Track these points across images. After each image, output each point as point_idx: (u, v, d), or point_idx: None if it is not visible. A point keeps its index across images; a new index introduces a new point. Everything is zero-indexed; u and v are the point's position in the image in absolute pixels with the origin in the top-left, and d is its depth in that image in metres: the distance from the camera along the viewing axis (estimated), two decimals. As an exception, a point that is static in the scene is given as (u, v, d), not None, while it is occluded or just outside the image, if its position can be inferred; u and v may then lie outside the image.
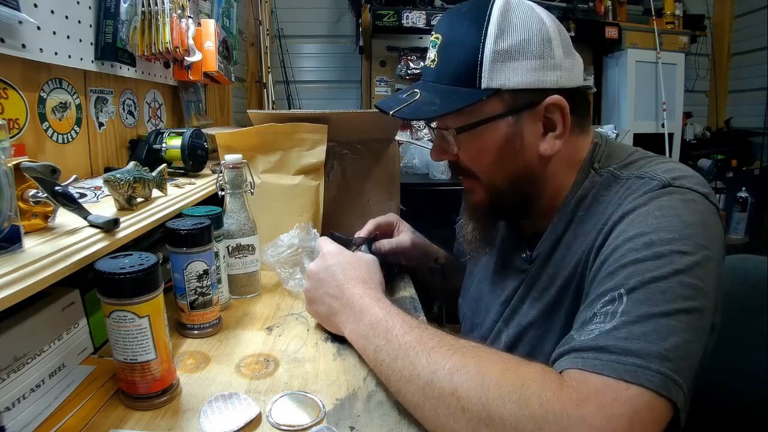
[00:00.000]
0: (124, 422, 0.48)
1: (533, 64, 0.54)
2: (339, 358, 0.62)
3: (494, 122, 0.56)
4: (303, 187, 0.95)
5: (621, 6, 2.83)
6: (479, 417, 0.41)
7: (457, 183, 0.69)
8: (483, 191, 0.63)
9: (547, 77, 0.55)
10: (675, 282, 0.43)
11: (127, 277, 0.46)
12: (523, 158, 0.58)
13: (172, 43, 1.09)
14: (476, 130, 0.57)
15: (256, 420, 0.48)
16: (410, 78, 2.77)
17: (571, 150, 0.60)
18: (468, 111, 0.56)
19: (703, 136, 2.96)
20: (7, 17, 0.69)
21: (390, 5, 2.51)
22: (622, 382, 0.39)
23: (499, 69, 0.54)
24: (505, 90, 0.55)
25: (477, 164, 0.61)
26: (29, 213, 0.55)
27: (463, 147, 0.60)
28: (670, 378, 0.39)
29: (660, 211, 0.48)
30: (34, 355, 0.50)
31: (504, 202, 0.63)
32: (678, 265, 0.44)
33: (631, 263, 0.46)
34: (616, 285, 0.46)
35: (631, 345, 0.41)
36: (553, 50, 0.55)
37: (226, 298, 0.76)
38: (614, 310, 0.44)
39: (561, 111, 0.56)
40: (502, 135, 0.57)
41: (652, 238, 0.46)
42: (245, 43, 2.67)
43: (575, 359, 0.43)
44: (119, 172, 0.71)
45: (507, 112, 0.56)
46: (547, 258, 0.61)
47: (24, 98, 0.80)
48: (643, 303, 0.43)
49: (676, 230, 0.46)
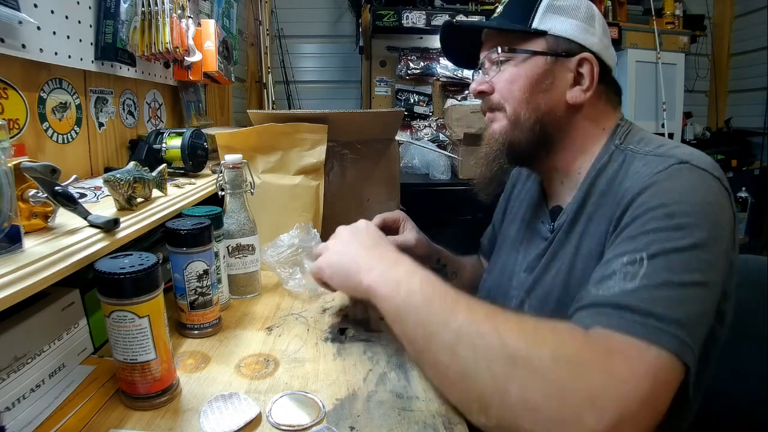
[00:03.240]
0: (124, 422, 0.48)
1: (577, 24, 0.65)
2: (339, 358, 0.62)
3: (534, 57, 0.65)
4: (303, 187, 0.95)
5: (621, 6, 2.83)
6: (517, 355, 0.41)
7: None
8: (506, 121, 0.68)
9: (585, 38, 0.65)
10: (693, 255, 0.46)
11: (127, 277, 0.46)
12: (550, 97, 0.65)
13: (172, 43, 1.09)
14: (518, 57, 0.66)
15: (256, 420, 0.48)
16: (410, 78, 2.77)
17: (597, 114, 0.67)
18: (517, 40, 0.66)
19: (703, 136, 2.96)
20: (7, 17, 0.69)
21: (390, 5, 2.51)
22: (645, 341, 0.41)
23: (549, 17, 0.65)
24: (550, 34, 0.65)
25: (509, 91, 0.66)
26: (29, 213, 0.55)
27: (501, 73, 0.67)
28: (685, 342, 0.42)
29: (681, 186, 0.51)
30: (34, 355, 0.50)
31: (524, 136, 0.67)
32: (696, 239, 0.47)
33: (652, 231, 0.49)
34: (636, 248, 0.48)
35: (653, 308, 0.43)
36: (595, 24, 0.66)
37: (226, 298, 0.76)
38: (635, 271, 0.46)
39: (590, 68, 0.64)
40: (537, 69, 0.65)
41: (673, 210, 0.49)
42: (245, 43, 2.67)
43: (599, 316, 0.45)
44: (119, 172, 0.71)
45: (546, 52, 0.65)
46: (569, 229, 0.64)
47: (24, 98, 0.80)
48: (663, 270, 0.45)
49: (695, 206, 0.49)
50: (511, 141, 0.68)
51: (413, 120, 2.73)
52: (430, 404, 0.52)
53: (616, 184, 0.60)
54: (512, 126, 0.67)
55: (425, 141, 2.46)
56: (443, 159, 2.07)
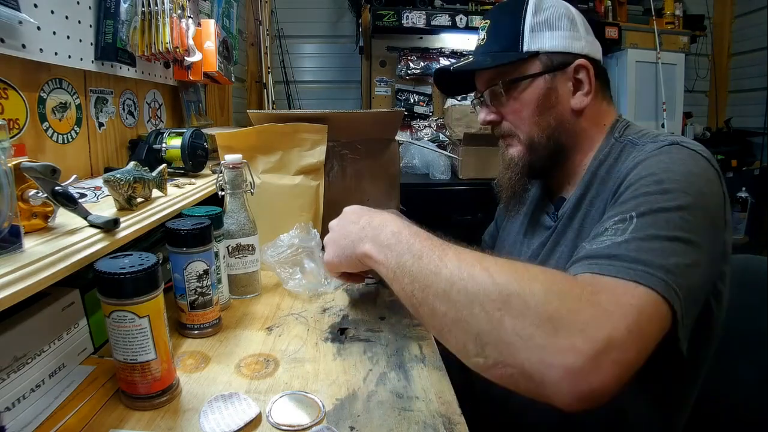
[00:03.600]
0: (124, 422, 0.48)
1: (563, 34, 0.68)
2: (339, 358, 0.62)
3: (534, 79, 0.68)
4: (303, 187, 0.95)
5: (621, 6, 2.82)
6: (510, 292, 0.43)
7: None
8: (521, 146, 0.72)
9: (574, 45, 0.68)
10: (678, 215, 0.49)
11: (127, 277, 0.46)
12: (558, 111, 0.69)
13: (172, 43, 1.09)
14: (520, 85, 0.69)
15: (256, 420, 0.48)
16: (410, 78, 2.77)
17: (598, 113, 0.71)
18: (514, 69, 0.69)
19: (703, 136, 2.95)
20: (7, 17, 0.69)
21: (390, 5, 2.51)
22: (632, 282, 0.44)
23: (537, 36, 0.67)
24: (543, 53, 0.68)
25: (519, 117, 0.70)
26: (29, 213, 0.55)
27: (508, 103, 0.71)
28: (671, 286, 0.44)
29: (670, 159, 0.56)
30: (34, 355, 0.50)
31: (539, 154, 0.71)
32: (681, 202, 0.50)
33: (642, 195, 0.53)
34: (626, 209, 0.52)
35: (640, 255, 0.46)
36: (577, 26, 0.69)
37: (226, 298, 0.76)
38: (625, 227, 0.50)
39: (587, 72, 0.68)
40: (541, 90, 0.68)
41: (662, 177, 0.53)
42: (245, 43, 2.66)
43: (590, 265, 0.48)
44: (119, 172, 0.71)
45: (544, 71, 0.68)
46: (572, 215, 0.68)
47: (24, 98, 0.80)
48: (650, 226, 0.49)
49: (682, 175, 0.53)
50: (530, 162, 0.72)
51: (413, 120, 2.73)
52: (430, 404, 0.52)
53: (616, 170, 0.64)
54: (528, 149, 0.71)
55: (425, 141, 2.46)
56: (443, 159, 2.06)
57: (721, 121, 3.10)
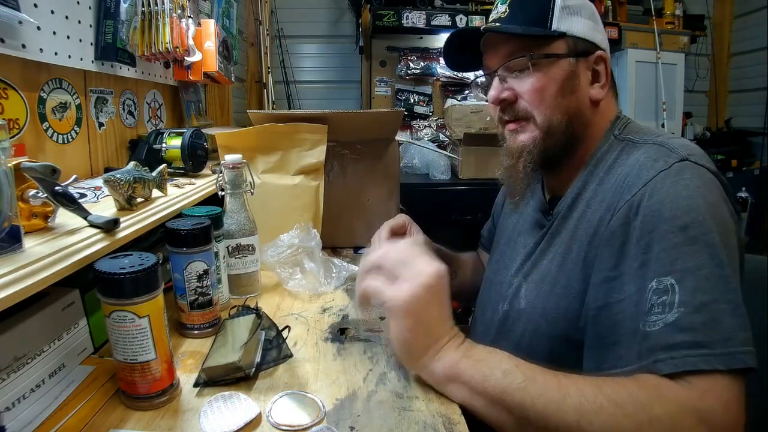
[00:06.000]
0: (124, 422, 0.48)
1: (589, 23, 0.66)
2: (339, 358, 0.62)
3: (559, 59, 0.65)
4: (303, 187, 0.95)
5: (621, 6, 2.82)
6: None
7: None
8: (536, 130, 0.67)
9: (596, 36, 0.67)
10: (712, 263, 0.49)
11: (127, 277, 0.46)
12: (578, 97, 0.66)
13: (172, 43, 1.09)
14: (545, 62, 0.65)
15: (256, 420, 0.48)
16: (410, 78, 2.77)
17: (607, 107, 0.69)
18: (539, 45, 0.65)
19: (703, 136, 2.95)
20: (7, 17, 0.69)
21: (390, 5, 2.51)
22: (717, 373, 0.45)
23: (565, 18, 0.65)
24: (569, 35, 0.65)
25: (539, 98, 0.66)
26: (29, 213, 0.55)
27: (525, 80, 0.66)
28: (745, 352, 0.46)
29: (686, 190, 0.53)
30: (34, 355, 0.50)
31: (555, 141, 0.67)
32: (709, 245, 0.50)
33: (672, 248, 0.51)
34: (662, 271, 0.51)
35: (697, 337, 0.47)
36: (597, 20, 0.68)
37: (226, 298, 0.76)
38: (671, 301, 0.49)
39: (605, 64, 0.67)
40: (564, 72, 0.65)
41: (686, 222, 0.51)
42: (245, 43, 2.66)
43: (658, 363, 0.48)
44: (119, 172, 0.71)
45: (569, 53, 0.65)
46: (566, 215, 0.66)
47: (24, 98, 0.80)
48: (694, 292, 0.48)
49: (703, 211, 0.52)
50: (545, 149, 0.66)
51: (413, 120, 2.72)
52: (430, 404, 0.52)
53: (616, 171, 0.61)
54: (544, 134, 0.66)
55: (425, 141, 2.46)
56: (443, 159, 2.06)
57: (721, 121, 3.10)
